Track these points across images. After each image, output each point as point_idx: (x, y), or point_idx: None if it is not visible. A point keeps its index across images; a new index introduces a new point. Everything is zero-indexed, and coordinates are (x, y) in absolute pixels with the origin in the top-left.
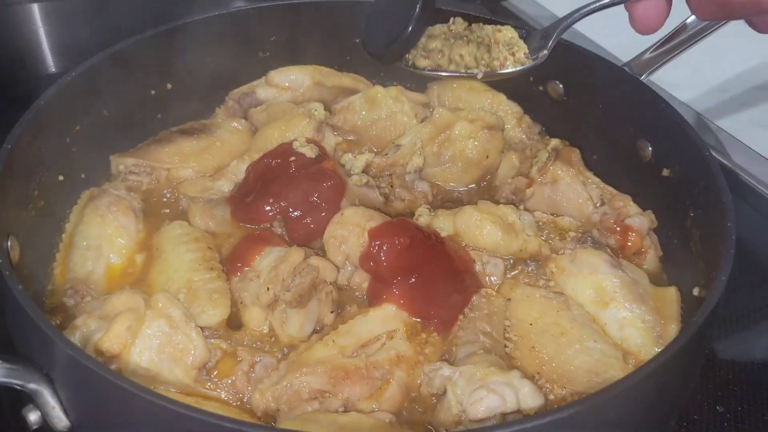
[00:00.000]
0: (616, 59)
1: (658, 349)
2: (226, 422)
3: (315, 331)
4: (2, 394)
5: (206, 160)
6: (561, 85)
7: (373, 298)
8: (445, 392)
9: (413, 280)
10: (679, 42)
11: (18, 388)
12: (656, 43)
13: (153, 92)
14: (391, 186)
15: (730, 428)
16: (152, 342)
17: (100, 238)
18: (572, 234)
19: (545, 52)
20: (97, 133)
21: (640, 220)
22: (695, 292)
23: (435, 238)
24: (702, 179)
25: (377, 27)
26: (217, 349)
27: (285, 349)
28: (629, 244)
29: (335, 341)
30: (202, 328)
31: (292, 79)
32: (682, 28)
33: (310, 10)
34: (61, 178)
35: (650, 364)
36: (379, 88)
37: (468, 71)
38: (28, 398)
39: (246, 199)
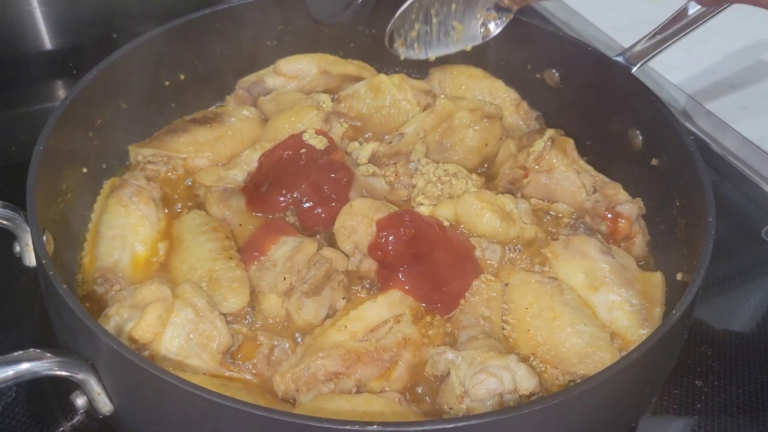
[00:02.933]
0: (614, 41)
1: (643, 331)
2: (255, 410)
3: (327, 316)
4: (47, 382)
5: (220, 149)
6: (557, 74)
7: (381, 284)
8: (448, 374)
9: (418, 267)
10: (675, 30)
11: (68, 378)
12: (653, 30)
13: (167, 83)
14: (396, 174)
15: (707, 401)
16: (181, 330)
17: (124, 227)
18: (566, 220)
19: (511, 15)
20: (117, 125)
21: (630, 207)
22: (678, 276)
23: (438, 227)
24: (687, 172)
25: None
26: (239, 335)
27: (298, 333)
28: (619, 229)
29: (347, 327)
30: (224, 314)
31: (298, 68)
32: (679, 15)
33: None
34: (85, 170)
35: (633, 354)
36: (382, 77)
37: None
38: (74, 385)
39: (259, 189)
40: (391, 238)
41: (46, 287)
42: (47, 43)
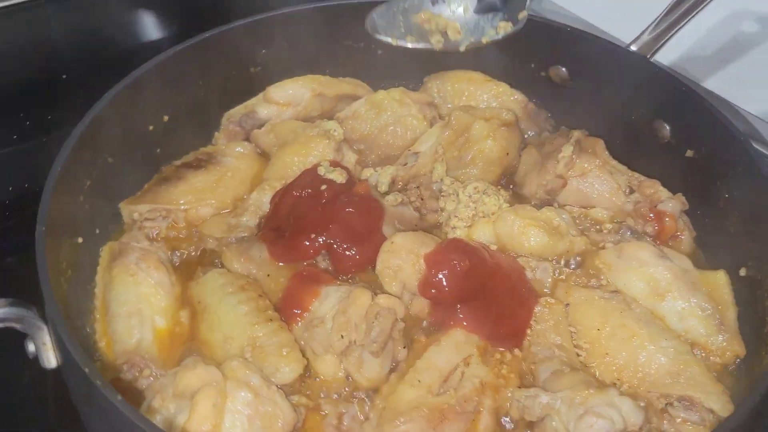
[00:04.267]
0: (618, 41)
1: (722, 337)
2: None
3: (391, 370)
4: None
5: (222, 194)
6: (564, 69)
7: (438, 325)
8: (543, 419)
9: (476, 301)
10: (679, 15)
11: None
12: (654, 20)
13: (151, 127)
14: (422, 199)
15: None
16: (241, 416)
17: (138, 300)
18: (608, 226)
19: (525, 12)
20: (105, 183)
21: (673, 204)
22: (742, 272)
23: (489, 252)
24: (738, 162)
25: None
26: (300, 407)
27: (362, 393)
28: (666, 229)
29: (421, 381)
30: (279, 387)
31: (291, 94)
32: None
33: (295, 19)
34: (80, 240)
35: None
36: (381, 92)
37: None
38: None
39: (280, 234)
40: (444, 272)
41: (81, 387)
42: None
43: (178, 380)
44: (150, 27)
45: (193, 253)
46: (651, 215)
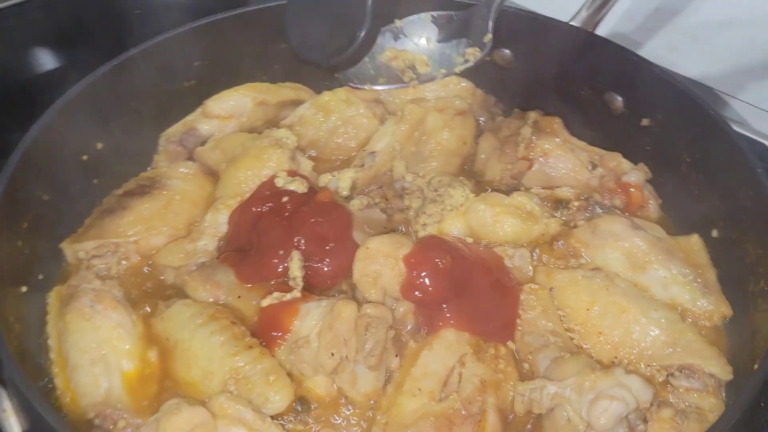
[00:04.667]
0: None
1: (706, 300)
2: None
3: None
4: None
5: (173, 220)
6: (508, 51)
7: (426, 328)
8: (553, 409)
9: (462, 298)
10: None
11: None
12: None
13: (85, 157)
14: (386, 199)
15: None
16: None
17: (99, 346)
18: (576, 204)
19: (489, 35)
20: (43, 223)
21: (637, 174)
22: (714, 233)
23: (467, 247)
24: (698, 125)
25: (308, 24)
26: None
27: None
28: (633, 200)
29: (421, 389)
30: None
31: (232, 105)
32: None
33: (226, 26)
34: (24, 289)
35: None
36: (326, 94)
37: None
38: None
39: (246, 254)
40: (426, 272)
41: None
42: None
43: (163, 427)
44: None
45: (150, 287)
46: (617, 188)
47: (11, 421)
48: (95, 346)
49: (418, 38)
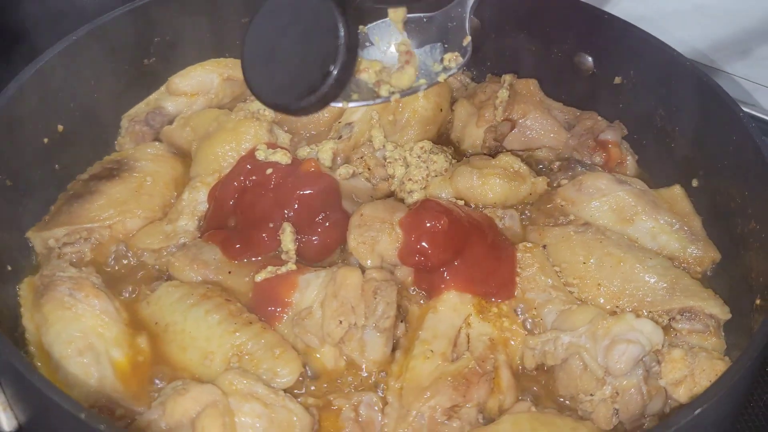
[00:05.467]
0: None
1: (695, 246)
2: None
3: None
4: None
5: (148, 202)
6: (475, 18)
7: (427, 291)
8: (567, 359)
9: (461, 261)
10: None
11: None
12: None
13: (46, 140)
14: (369, 168)
15: None
16: (255, 430)
17: (85, 335)
18: (557, 164)
19: (468, 38)
20: (6, 212)
21: (613, 132)
22: (694, 183)
23: (460, 209)
24: (671, 77)
25: (271, 62)
26: (312, 408)
27: (373, 375)
28: (612, 157)
29: (434, 351)
30: None
31: (198, 81)
32: None
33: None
34: None
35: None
36: None
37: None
38: None
39: (230, 231)
40: (425, 235)
41: None
42: None
43: (171, 410)
44: None
45: (124, 273)
46: (595, 146)
47: (2, 417)
48: (80, 336)
49: (387, 46)
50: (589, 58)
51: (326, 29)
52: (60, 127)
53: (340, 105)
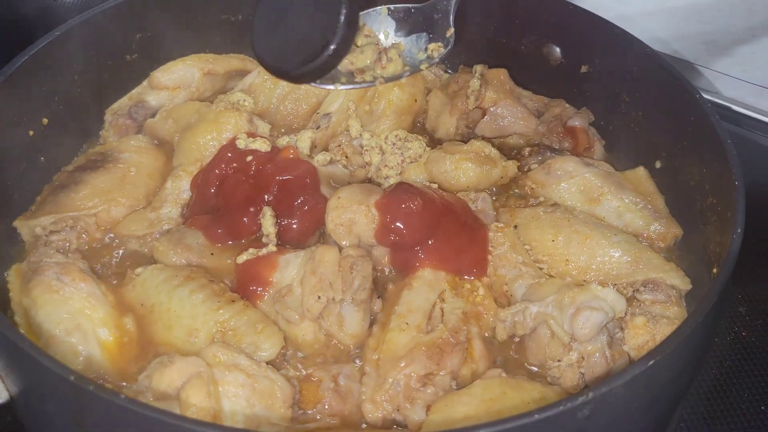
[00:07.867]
0: None
1: (658, 224)
2: None
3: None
4: None
5: (132, 191)
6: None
7: (402, 269)
8: (535, 329)
9: (435, 240)
10: None
11: None
12: None
13: (31, 133)
14: (346, 156)
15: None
16: (238, 398)
17: (73, 316)
18: (527, 150)
19: (451, 29)
20: None
21: (581, 118)
22: (658, 165)
23: (433, 191)
24: (634, 65)
25: (276, 32)
26: (293, 379)
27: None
28: (580, 143)
29: (409, 323)
30: None
31: (180, 76)
32: None
33: None
34: None
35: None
36: None
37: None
38: None
39: (213, 217)
40: (400, 215)
41: (64, 406)
42: None
43: (157, 381)
44: None
45: (113, 261)
46: (564, 132)
47: None
48: (68, 317)
49: (376, 33)
50: (557, 49)
51: (330, 3)
52: (45, 120)
53: (331, 87)
